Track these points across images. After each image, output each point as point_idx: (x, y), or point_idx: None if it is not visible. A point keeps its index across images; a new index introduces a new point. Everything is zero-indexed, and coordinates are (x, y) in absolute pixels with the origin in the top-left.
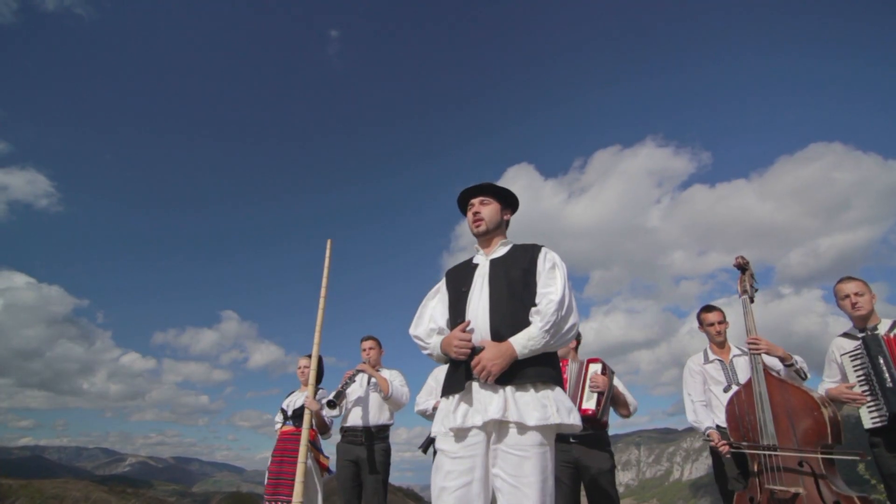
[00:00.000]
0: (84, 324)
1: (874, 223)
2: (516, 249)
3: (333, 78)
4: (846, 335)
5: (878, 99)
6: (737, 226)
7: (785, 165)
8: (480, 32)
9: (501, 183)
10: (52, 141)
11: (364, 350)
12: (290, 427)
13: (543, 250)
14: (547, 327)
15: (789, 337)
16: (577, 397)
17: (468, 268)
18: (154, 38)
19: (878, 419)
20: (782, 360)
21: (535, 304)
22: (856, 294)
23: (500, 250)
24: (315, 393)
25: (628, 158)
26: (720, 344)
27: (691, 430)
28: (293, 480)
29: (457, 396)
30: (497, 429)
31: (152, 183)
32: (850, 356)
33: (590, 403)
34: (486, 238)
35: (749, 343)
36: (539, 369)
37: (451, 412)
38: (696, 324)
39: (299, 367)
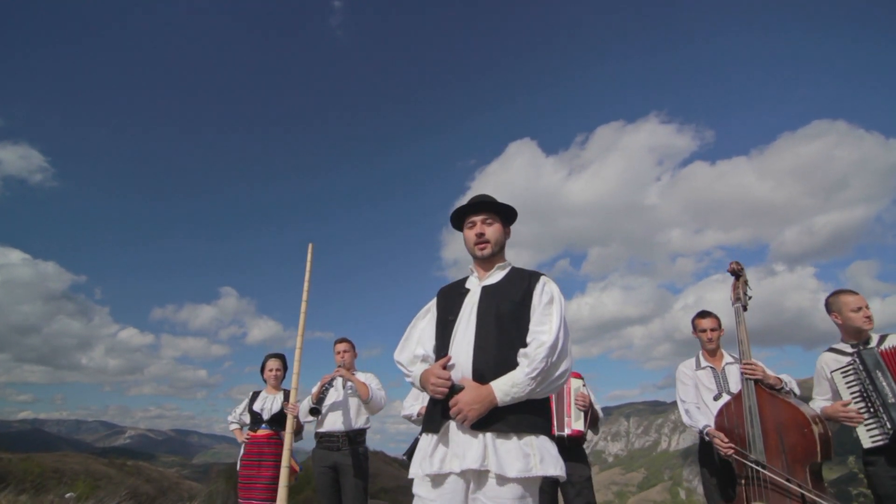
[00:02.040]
0: (81, 300)
1: (870, 202)
2: (513, 276)
3: (334, 51)
4: (834, 350)
5: (886, 77)
6: (735, 204)
7: (787, 142)
8: (484, 4)
9: (503, 160)
10: (45, 116)
11: (338, 353)
12: (265, 431)
13: (542, 280)
14: (534, 374)
15: (781, 313)
16: (563, 415)
17: (459, 292)
18: (151, 12)
19: (879, 438)
20: (773, 386)
21: (525, 342)
22: (867, 307)
23: (496, 275)
24: (295, 397)
25: (630, 134)
26: (712, 351)
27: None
28: (269, 484)
29: (435, 437)
30: (476, 477)
31: (149, 159)
32: (843, 372)
33: (578, 424)
34: (487, 261)
35: (744, 369)
36: (523, 417)
37: (429, 456)
38: (689, 299)
39: (270, 370)
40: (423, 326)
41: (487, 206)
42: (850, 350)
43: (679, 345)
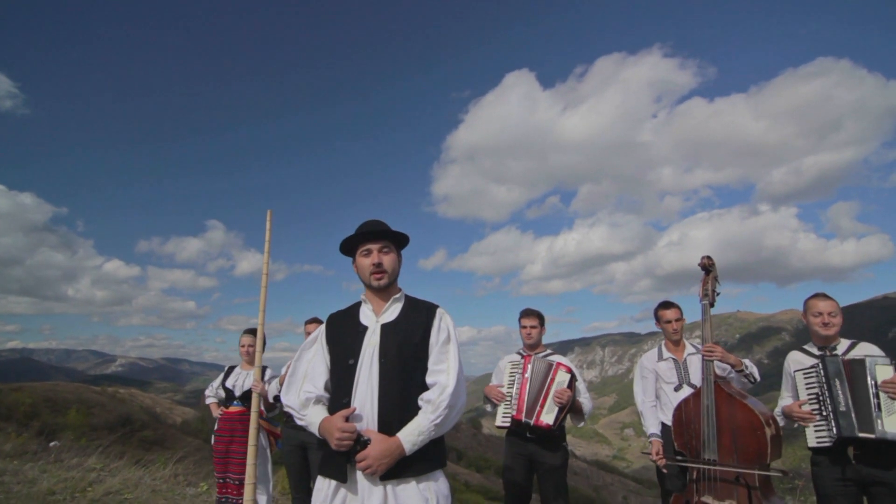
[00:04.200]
0: (64, 232)
1: (861, 144)
2: (409, 310)
3: None
4: (803, 351)
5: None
6: (727, 143)
7: (787, 80)
8: None
9: (498, 92)
10: (11, 38)
11: (308, 334)
12: (237, 408)
13: (438, 315)
14: (438, 420)
15: (759, 251)
16: (536, 404)
17: (355, 329)
18: None
19: (824, 439)
20: (734, 366)
21: (425, 384)
22: (829, 314)
23: (393, 309)
24: (262, 373)
25: (631, 67)
26: (676, 342)
27: (655, 334)
28: (242, 460)
29: (335, 483)
30: None
31: (128, 84)
32: (804, 373)
33: (548, 417)
34: (383, 291)
35: (705, 351)
36: (422, 458)
37: (329, 501)
38: (674, 236)
39: (242, 345)
40: (311, 359)
41: (384, 235)
42: (816, 353)
43: (659, 280)
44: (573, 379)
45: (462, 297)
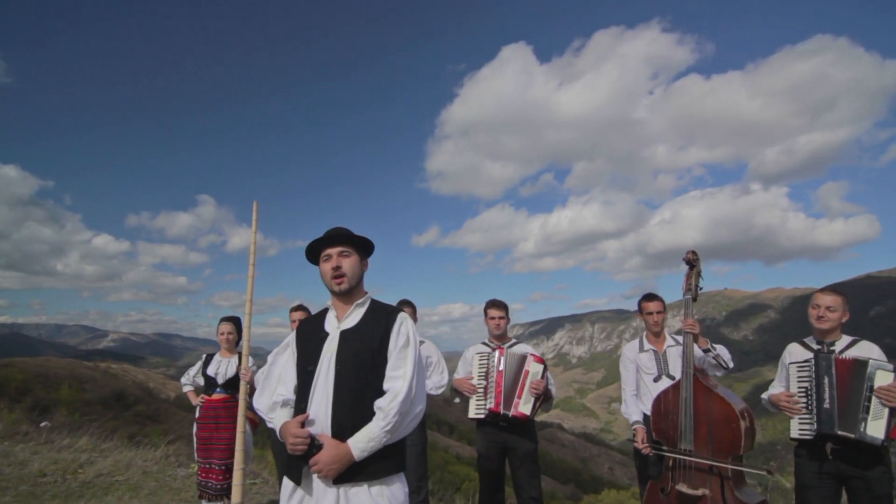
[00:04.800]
0: (51, 206)
1: (853, 124)
2: (370, 315)
3: None
4: (802, 343)
5: None
6: (722, 121)
7: (784, 57)
8: None
9: (495, 65)
10: None
11: (294, 322)
12: (220, 395)
13: (399, 319)
14: (388, 427)
15: (749, 230)
16: (513, 395)
17: (317, 336)
18: None
19: (806, 433)
20: (700, 346)
21: (382, 389)
22: (827, 308)
23: (354, 314)
24: (246, 361)
25: (629, 42)
26: (657, 334)
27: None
28: (226, 446)
29: (293, 484)
30: None
31: (116, 54)
32: (798, 366)
33: (526, 408)
34: (345, 296)
35: (686, 326)
36: (377, 463)
37: (287, 500)
38: (666, 214)
39: (221, 333)
40: (284, 363)
41: (343, 239)
42: (814, 347)
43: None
44: (545, 369)
45: (455, 273)
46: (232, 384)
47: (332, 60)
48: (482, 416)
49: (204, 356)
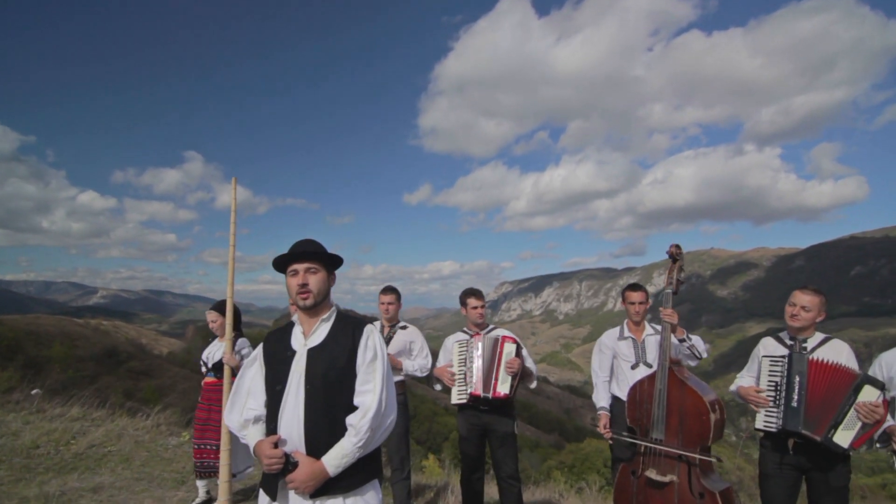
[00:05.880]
0: (33, 162)
1: (852, 85)
2: (337, 329)
3: None
4: (776, 338)
5: None
6: (720, 80)
7: (789, 13)
8: None
9: (492, 18)
10: None
11: (212, 322)
12: (211, 378)
13: (366, 333)
14: (360, 443)
15: (739, 190)
16: (490, 378)
17: (284, 354)
18: None
19: (771, 426)
20: (676, 335)
21: (353, 404)
22: (802, 308)
23: (321, 330)
24: (234, 345)
25: None
26: (637, 322)
27: (631, 270)
28: (219, 426)
29: (269, 499)
30: None
31: (99, 6)
32: (771, 361)
33: (504, 387)
34: (311, 310)
35: (665, 315)
36: (352, 475)
37: None
38: (659, 174)
39: (210, 322)
40: (253, 376)
41: (311, 256)
42: (788, 342)
43: (640, 217)
44: (519, 348)
45: (446, 231)
46: (219, 368)
47: (322, 12)
48: (463, 401)
49: (212, 341)
